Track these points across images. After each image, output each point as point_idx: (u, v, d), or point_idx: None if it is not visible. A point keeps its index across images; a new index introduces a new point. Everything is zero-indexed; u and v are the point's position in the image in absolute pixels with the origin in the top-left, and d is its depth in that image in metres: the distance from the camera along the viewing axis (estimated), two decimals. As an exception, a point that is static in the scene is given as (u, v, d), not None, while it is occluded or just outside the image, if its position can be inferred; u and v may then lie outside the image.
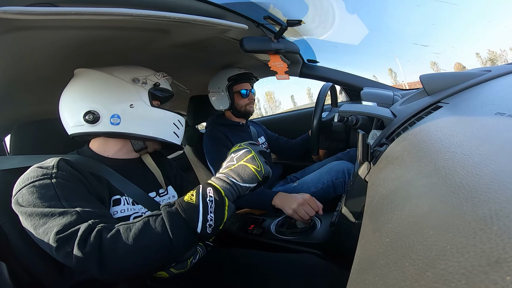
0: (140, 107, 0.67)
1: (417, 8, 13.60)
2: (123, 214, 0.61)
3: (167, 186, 0.76)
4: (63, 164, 0.56)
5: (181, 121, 0.75)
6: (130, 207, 0.63)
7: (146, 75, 0.70)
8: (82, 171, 0.59)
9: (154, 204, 0.68)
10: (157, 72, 0.74)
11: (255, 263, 0.71)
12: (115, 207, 0.61)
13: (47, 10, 0.45)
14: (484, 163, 0.22)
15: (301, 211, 0.84)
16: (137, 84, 0.68)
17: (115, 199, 0.62)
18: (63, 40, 0.65)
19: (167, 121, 0.71)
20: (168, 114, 0.72)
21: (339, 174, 1.05)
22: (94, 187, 0.58)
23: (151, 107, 0.68)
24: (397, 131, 0.55)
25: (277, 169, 1.39)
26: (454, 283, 0.15)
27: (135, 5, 0.58)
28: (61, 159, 0.57)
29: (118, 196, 0.62)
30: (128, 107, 0.66)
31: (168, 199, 0.74)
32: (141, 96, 0.68)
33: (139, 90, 0.68)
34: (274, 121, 1.88)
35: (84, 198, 0.53)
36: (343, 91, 1.62)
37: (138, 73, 0.70)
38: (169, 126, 0.71)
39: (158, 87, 0.71)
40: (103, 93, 0.65)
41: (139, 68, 0.72)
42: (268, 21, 0.92)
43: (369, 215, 0.35)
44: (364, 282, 0.24)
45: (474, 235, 0.17)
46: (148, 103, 0.68)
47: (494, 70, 0.58)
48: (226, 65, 1.29)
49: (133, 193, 0.66)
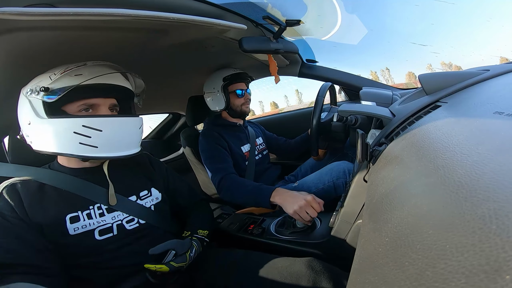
0: (36, 123, 0.59)
1: (416, 8, 13.70)
2: (84, 229, 0.61)
3: (150, 188, 0.76)
4: (2, 200, 0.58)
5: (92, 125, 0.59)
6: (96, 220, 0.63)
7: (38, 81, 0.61)
8: (26, 197, 0.60)
9: (136, 207, 0.69)
10: (58, 70, 0.61)
11: (254, 263, 0.70)
12: (73, 224, 0.61)
13: (46, 11, 0.44)
14: (483, 162, 0.22)
15: (303, 213, 0.81)
16: (31, 96, 0.60)
17: (72, 217, 0.61)
18: (61, 40, 0.65)
19: (65, 132, 0.59)
20: (66, 123, 0.59)
21: (340, 174, 1.05)
22: (33, 215, 0.58)
23: (47, 119, 0.59)
24: (396, 130, 0.55)
25: (276, 169, 1.39)
26: (453, 282, 0.15)
27: (133, 5, 0.58)
28: (6, 188, 0.60)
29: (75, 214, 0.62)
30: (28, 125, 0.61)
31: (151, 201, 0.74)
32: (36, 109, 0.60)
33: (34, 102, 0.60)
34: (273, 121, 1.88)
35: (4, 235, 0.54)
36: (342, 90, 1.62)
37: (34, 81, 0.62)
38: (69, 137, 0.58)
39: (50, 91, 0.59)
40: (18, 114, 0.64)
41: (43, 75, 0.63)
42: (267, 21, 0.92)
43: (368, 215, 0.35)
44: (364, 282, 0.24)
45: (474, 234, 0.17)
46: (44, 116, 0.59)
47: (492, 69, 0.58)
48: (225, 65, 1.29)
49: (106, 200, 0.66)
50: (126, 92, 0.69)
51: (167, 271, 0.62)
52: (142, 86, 0.77)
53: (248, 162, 1.23)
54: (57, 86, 0.59)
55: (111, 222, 0.65)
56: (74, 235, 0.60)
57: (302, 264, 0.65)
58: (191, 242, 0.71)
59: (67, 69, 0.61)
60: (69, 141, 0.59)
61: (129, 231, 0.67)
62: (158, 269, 0.62)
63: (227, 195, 1.06)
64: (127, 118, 0.66)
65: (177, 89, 1.46)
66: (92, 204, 0.65)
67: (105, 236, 0.63)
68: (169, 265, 0.63)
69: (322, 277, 0.62)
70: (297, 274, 0.63)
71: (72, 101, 0.62)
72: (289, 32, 1.10)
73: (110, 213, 0.66)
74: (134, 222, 0.68)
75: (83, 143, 0.59)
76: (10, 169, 0.67)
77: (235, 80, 1.22)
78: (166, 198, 0.80)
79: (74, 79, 0.60)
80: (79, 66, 0.62)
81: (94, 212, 0.64)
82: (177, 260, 0.64)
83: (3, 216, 0.56)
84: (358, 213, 0.65)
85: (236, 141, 1.25)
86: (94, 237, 0.62)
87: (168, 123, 2.05)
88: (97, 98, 0.64)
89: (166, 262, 0.63)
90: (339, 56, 1.53)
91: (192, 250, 0.69)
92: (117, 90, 0.66)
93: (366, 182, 0.60)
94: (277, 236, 0.87)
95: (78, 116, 0.61)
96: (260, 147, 1.36)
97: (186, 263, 0.66)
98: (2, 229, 0.55)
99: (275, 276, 0.65)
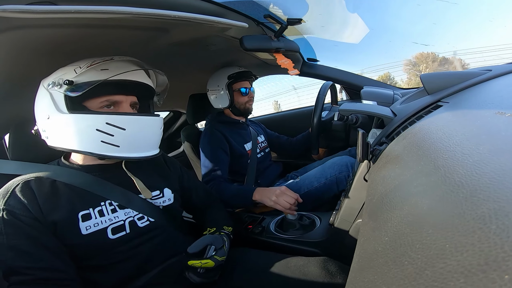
0: (56, 117, 0.57)
1: (418, 7, 13.52)
2: (96, 228, 0.58)
3: (163, 189, 0.73)
4: (14, 199, 0.54)
5: (116, 123, 0.57)
6: (108, 217, 0.60)
7: (61, 74, 0.59)
8: (40, 194, 0.56)
9: (146, 206, 0.67)
10: (84, 63, 0.59)
11: (254, 261, 0.71)
12: (85, 223, 0.57)
13: (48, 9, 0.44)
14: (484, 162, 0.22)
15: (281, 201, 0.89)
16: (53, 88, 0.58)
17: (84, 215, 0.58)
18: (62, 38, 0.65)
19: (87, 129, 0.56)
20: (89, 120, 0.56)
21: (343, 168, 1.06)
22: (48, 213, 0.55)
23: (68, 114, 0.56)
24: (397, 130, 0.55)
25: (277, 167, 1.39)
26: (452, 281, 0.15)
27: (134, 3, 0.58)
28: (18, 185, 0.56)
29: (87, 211, 0.59)
30: (46, 120, 0.59)
31: (162, 202, 0.72)
32: (57, 103, 0.57)
33: (56, 96, 0.58)
34: (274, 120, 1.88)
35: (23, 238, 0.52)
36: (343, 90, 1.62)
37: (57, 74, 0.60)
38: (91, 135, 0.56)
39: (75, 84, 0.57)
40: (36, 107, 0.62)
41: (66, 67, 0.60)
42: (268, 19, 0.92)
43: (368, 214, 0.35)
44: (363, 281, 0.24)
45: (473, 234, 0.17)
46: (65, 110, 0.57)
47: (494, 70, 0.58)
48: (226, 64, 1.29)
49: (118, 196, 0.64)
50: (148, 90, 0.67)
51: (212, 266, 0.60)
52: (165, 83, 0.75)
53: (250, 160, 1.24)
54: (83, 80, 0.57)
55: (124, 218, 0.63)
56: (86, 235, 0.57)
57: (316, 265, 0.63)
58: (222, 237, 0.69)
59: (94, 62, 0.59)
60: (91, 138, 0.57)
61: (141, 229, 0.64)
62: (204, 265, 0.59)
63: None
64: (151, 117, 0.64)
65: (178, 87, 1.46)
66: (104, 201, 0.62)
67: (119, 235, 0.61)
68: (214, 259, 0.60)
69: (338, 278, 0.59)
70: (311, 275, 0.61)
71: (96, 96, 0.60)
72: (290, 31, 1.10)
73: (122, 209, 0.63)
74: (144, 220, 0.66)
75: (105, 141, 0.57)
76: (20, 167, 0.64)
77: (240, 78, 1.22)
78: (179, 198, 0.78)
79: (101, 73, 0.58)
80: (106, 61, 0.60)
81: (106, 208, 0.61)
82: (218, 253, 0.62)
83: (15, 216, 0.52)
84: (358, 212, 0.65)
85: (239, 139, 1.25)
86: (107, 236, 0.59)
87: (168, 121, 2.05)
88: (120, 95, 0.62)
89: (210, 257, 0.61)
90: (341, 55, 1.52)
91: (226, 244, 0.67)
92: (139, 88, 0.64)
93: (366, 181, 0.60)
94: (277, 234, 0.87)
95: (102, 112, 0.59)
96: (262, 144, 1.36)
97: (226, 256, 0.64)
98: (14, 229, 0.51)
99: (275, 274, 0.64)
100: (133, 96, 0.65)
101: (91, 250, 0.58)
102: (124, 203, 0.64)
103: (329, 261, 0.65)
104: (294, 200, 0.89)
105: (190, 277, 0.61)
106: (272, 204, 0.91)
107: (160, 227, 0.68)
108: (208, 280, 0.61)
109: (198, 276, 0.60)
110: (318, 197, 1.06)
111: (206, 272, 0.61)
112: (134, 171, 0.69)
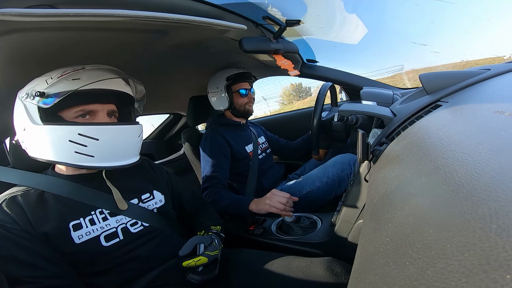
0: (31, 129, 0.57)
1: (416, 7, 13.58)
2: (89, 236, 0.59)
3: (152, 191, 0.74)
4: (2, 213, 0.55)
5: (88, 133, 0.57)
6: (99, 226, 0.61)
7: (34, 85, 0.58)
8: (29, 207, 0.56)
9: (139, 211, 0.68)
10: (55, 73, 0.59)
11: (256, 262, 0.70)
12: (76, 232, 0.58)
13: (47, 12, 0.45)
14: (484, 161, 0.22)
15: (274, 202, 0.90)
16: (27, 100, 0.58)
17: (75, 224, 0.58)
18: (61, 41, 0.65)
19: (60, 140, 0.56)
20: (62, 131, 0.56)
21: (345, 166, 1.06)
22: (38, 225, 0.55)
23: (42, 125, 0.56)
24: (397, 130, 0.55)
25: (279, 168, 1.39)
26: (454, 281, 0.15)
27: (133, 6, 0.58)
28: (5, 201, 0.56)
29: (78, 221, 0.59)
30: (23, 131, 0.59)
31: (154, 204, 0.72)
32: (31, 114, 0.57)
33: (30, 107, 0.58)
34: (274, 121, 1.88)
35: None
36: (343, 90, 1.62)
37: (30, 85, 0.60)
38: (64, 146, 0.56)
39: (46, 95, 0.56)
40: (14, 118, 0.62)
41: (39, 78, 0.60)
42: (267, 21, 0.92)
43: (369, 214, 0.35)
44: (364, 281, 0.24)
45: (474, 233, 0.17)
46: (39, 122, 0.57)
47: (493, 69, 0.58)
48: (226, 66, 1.29)
49: (108, 205, 0.64)
50: (126, 98, 0.67)
51: (206, 261, 0.62)
52: (143, 91, 0.75)
53: (252, 162, 1.24)
54: (53, 91, 0.56)
55: (116, 226, 0.63)
56: (79, 243, 0.57)
57: (319, 266, 0.63)
58: (210, 236, 0.71)
59: (65, 73, 0.58)
60: (64, 149, 0.57)
61: (134, 235, 0.65)
62: (198, 262, 0.61)
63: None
64: (125, 126, 0.63)
65: (178, 89, 1.46)
66: (94, 210, 0.62)
67: (112, 242, 0.61)
68: (206, 255, 0.63)
69: (344, 279, 0.59)
70: (314, 275, 0.61)
71: (69, 106, 0.59)
72: (289, 32, 1.10)
73: (113, 216, 0.64)
74: (138, 225, 0.66)
75: (78, 152, 0.57)
76: (11, 175, 0.64)
77: (239, 80, 1.22)
78: (170, 200, 0.79)
79: (72, 83, 0.57)
80: (77, 70, 0.59)
81: (97, 217, 0.62)
82: (209, 249, 0.65)
83: (6, 229, 0.52)
84: (359, 213, 0.65)
85: (240, 141, 1.24)
86: (100, 243, 0.60)
87: (169, 124, 2.05)
88: (95, 104, 0.61)
89: (202, 253, 0.63)
90: (341, 56, 1.53)
91: (215, 241, 0.69)
92: (116, 96, 0.64)
93: (367, 181, 0.60)
94: (278, 236, 0.87)
95: (74, 123, 0.59)
96: (263, 145, 1.36)
97: (219, 251, 0.67)
98: (7, 241, 0.51)
99: (277, 275, 0.64)
100: (110, 105, 0.65)
101: (88, 256, 0.59)
102: (116, 210, 0.64)
103: (333, 262, 0.64)
104: (285, 199, 0.90)
105: (191, 278, 0.62)
106: (268, 208, 0.91)
107: (155, 231, 0.69)
108: (208, 276, 0.63)
109: (198, 275, 0.62)
110: (320, 197, 1.06)
111: (203, 268, 0.63)
112: (117, 179, 0.69)
